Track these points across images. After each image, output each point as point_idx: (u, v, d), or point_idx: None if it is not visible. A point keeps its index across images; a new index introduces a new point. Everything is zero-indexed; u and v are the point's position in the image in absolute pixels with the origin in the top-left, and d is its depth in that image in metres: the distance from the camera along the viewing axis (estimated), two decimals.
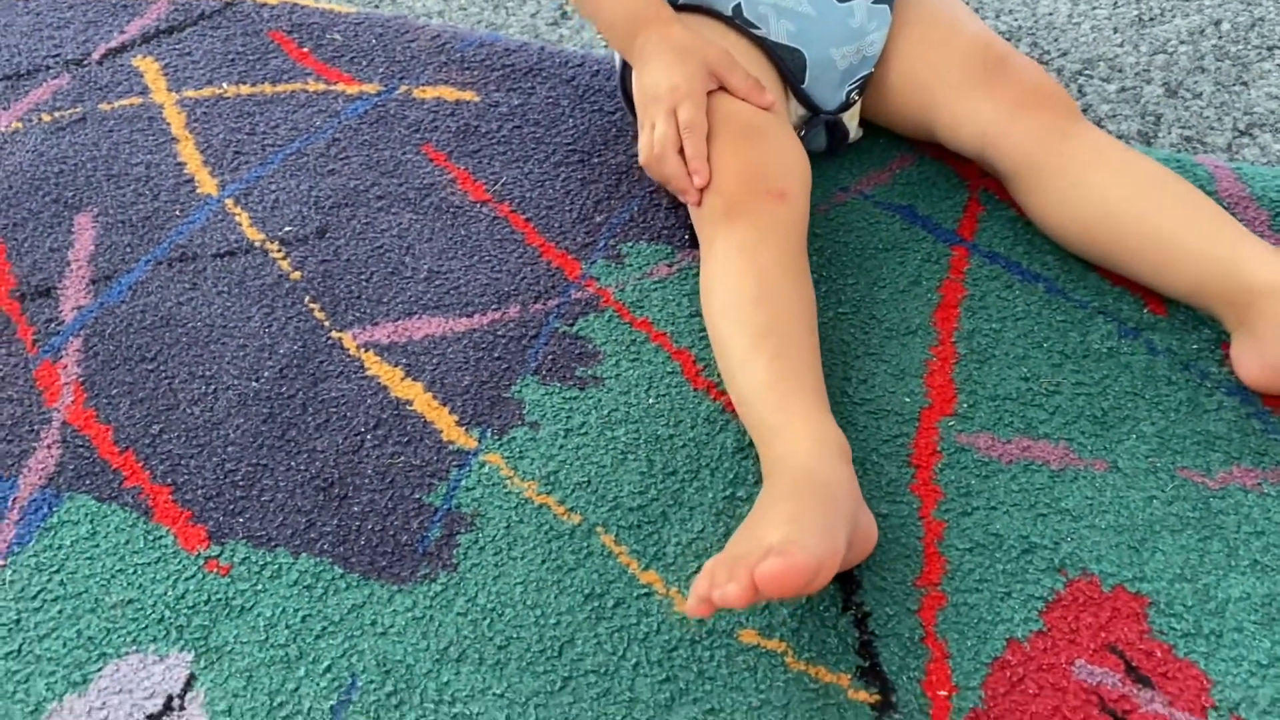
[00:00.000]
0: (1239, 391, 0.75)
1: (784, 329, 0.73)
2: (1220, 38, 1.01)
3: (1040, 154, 0.80)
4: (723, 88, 0.81)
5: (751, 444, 0.74)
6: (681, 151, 0.79)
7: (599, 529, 0.72)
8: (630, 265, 0.88)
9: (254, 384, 0.82)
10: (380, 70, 1.06)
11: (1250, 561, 0.68)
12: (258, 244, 0.92)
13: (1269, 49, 0.99)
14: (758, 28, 0.86)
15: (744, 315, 0.74)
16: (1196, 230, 0.75)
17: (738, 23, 0.86)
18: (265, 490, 0.77)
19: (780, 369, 0.71)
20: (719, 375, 0.77)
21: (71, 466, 0.78)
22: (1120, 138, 0.94)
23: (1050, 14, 1.05)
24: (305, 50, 1.09)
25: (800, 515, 0.62)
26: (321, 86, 1.05)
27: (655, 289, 0.86)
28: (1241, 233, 0.74)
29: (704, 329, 0.80)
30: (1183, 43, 1.01)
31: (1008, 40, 1.03)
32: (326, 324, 0.86)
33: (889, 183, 0.91)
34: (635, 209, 0.92)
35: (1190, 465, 0.72)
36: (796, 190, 0.79)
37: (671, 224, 0.90)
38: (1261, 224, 0.85)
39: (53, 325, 0.87)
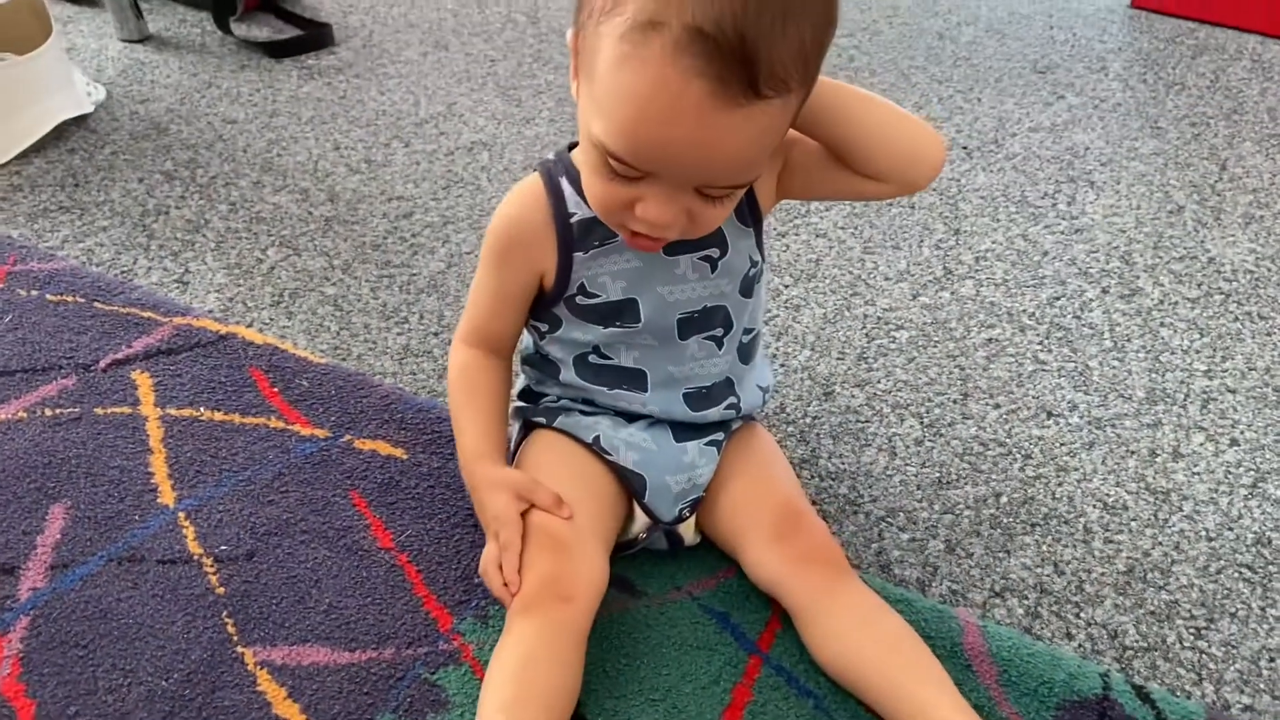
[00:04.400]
0: None
1: (526, 708, 0.90)
2: (998, 509, 1.27)
3: (813, 603, 1.02)
4: (533, 505, 1.04)
5: None
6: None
7: None
8: (493, 626, 1.08)
9: (163, 683, 1.00)
10: (332, 419, 1.30)
11: None
12: (196, 557, 1.11)
13: (1033, 525, 1.25)
14: (610, 454, 1.11)
15: (499, 689, 0.91)
16: (920, 683, 0.97)
17: (595, 449, 1.11)
18: None
19: None
20: None
21: None
22: (902, 581, 1.18)
23: (871, 464, 1.32)
24: (275, 390, 1.32)
25: None
26: (281, 424, 1.28)
27: None
28: (950, 691, 0.96)
29: None
30: (968, 508, 1.27)
31: (829, 481, 1.29)
32: (235, 638, 1.04)
33: (714, 589, 1.14)
34: None
35: None
36: (582, 594, 0.99)
37: None
38: (992, 677, 1.07)
39: (8, 602, 1.05)
